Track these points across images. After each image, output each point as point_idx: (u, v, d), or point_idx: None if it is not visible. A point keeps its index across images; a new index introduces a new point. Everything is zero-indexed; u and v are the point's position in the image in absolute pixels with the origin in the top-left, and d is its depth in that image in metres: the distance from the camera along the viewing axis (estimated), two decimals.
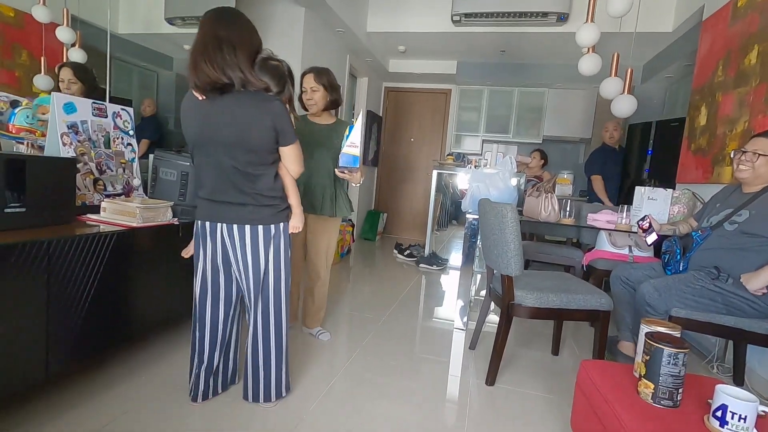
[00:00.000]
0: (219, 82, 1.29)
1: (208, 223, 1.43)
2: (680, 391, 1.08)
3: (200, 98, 1.34)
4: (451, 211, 5.32)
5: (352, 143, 1.76)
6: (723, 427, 0.96)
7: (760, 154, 1.79)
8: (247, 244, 1.41)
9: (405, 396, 1.74)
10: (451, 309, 2.97)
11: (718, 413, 0.97)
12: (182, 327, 2.17)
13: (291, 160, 1.46)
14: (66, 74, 2.38)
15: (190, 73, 1.32)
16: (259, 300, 1.47)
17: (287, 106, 1.57)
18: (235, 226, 1.40)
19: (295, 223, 1.54)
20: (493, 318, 2.75)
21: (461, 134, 5.53)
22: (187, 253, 1.64)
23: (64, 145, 1.67)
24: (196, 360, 1.53)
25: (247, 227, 1.40)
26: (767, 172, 1.79)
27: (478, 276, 3.66)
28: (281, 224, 1.46)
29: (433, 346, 2.29)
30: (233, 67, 1.30)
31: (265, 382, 1.53)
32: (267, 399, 1.55)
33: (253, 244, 1.41)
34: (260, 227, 1.41)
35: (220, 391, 1.62)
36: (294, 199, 1.52)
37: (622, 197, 3.97)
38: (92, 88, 2.52)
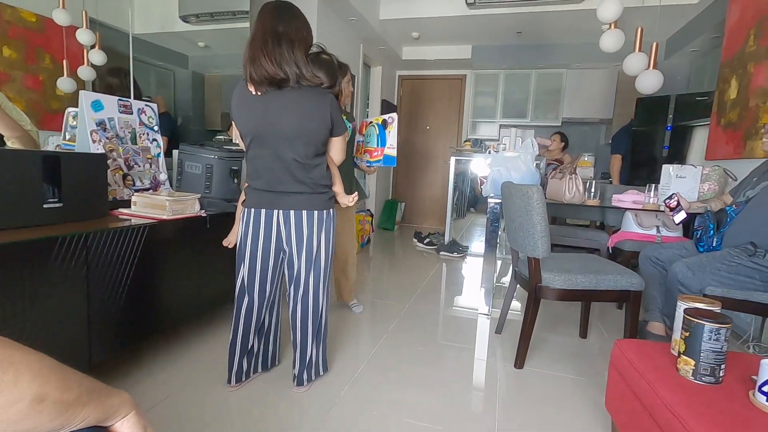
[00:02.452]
0: (276, 77, 1.36)
1: (263, 211, 1.49)
2: (722, 367, 1.05)
3: (255, 93, 1.41)
4: (469, 198, 5.27)
5: (391, 145, 1.93)
6: None
7: None
8: (304, 227, 1.50)
9: (434, 383, 1.75)
10: (474, 296, 2.96)
11: (765, 388, 0.94)
12: (213, 315, 2.22)
13: (338, 149, 1.57)
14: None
15: (248, 66, 1.38)
16: (310, 278, 1.55)
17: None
18: (292, 212, 1.49)
19: (345, 201, 1.66)
20: (516, 305, 2.73)
21: (478, 121, 5.46)
22: (229, 242, 1.74)
23: (94, 142, 1.71)
24: (239, 344, 1.58)
25: (304, 212, 1.50)
26: None
27: (499, 262, 3.63)
28: (330, 210, 1.57)
29: (458, 332, 2.29)
30: (290, 63, 1.37)
31: (314, 359, 1.63)
32: (317, 374, 1.65)
33: (308, 227, 1.51)
34: (315, 212, 1.51)
35: (260, 370, 1.70)
36: (338, 186, 1.63)
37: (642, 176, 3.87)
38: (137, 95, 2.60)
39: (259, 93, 1.41)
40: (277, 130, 1.41)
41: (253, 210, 1.51)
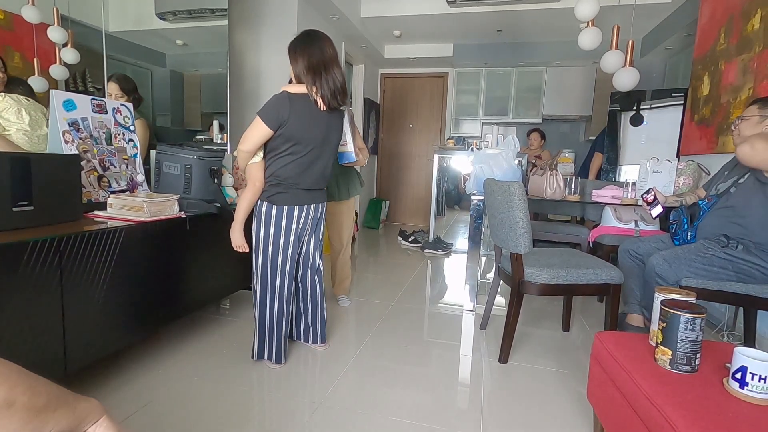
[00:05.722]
0: (341, 104, 1.70)
1: (305, 207, 1.74)
2: (698, 356, 1.08)
3: (322, 109, 1.65)
4: (453, 195, 5.31)
5: (344, 142, 2.08)
6: (743, 388, 0.96)
7: (743, 118, 1.79)
8: (322, 214, 1.87)
9: (420, 380, 1.75)
10: (458, 292, 2.98)
11: (738, 375, 0.97)
12: (194, 319, 2.18)
13: None
14: (113, 89, 2.44)
15: (333, 87, 1.63)
16: (317, 255, 1.89)
17: None
18: (319, 204, 1.82)
19: None
20: (500, 300, 2.76)
21: (460, 119, 5.49)
22: (245, 247, 1.81)
23: (66, 143, 1.65)
24: (283, 326, 1.76)
25: (325, 203, 1.87)
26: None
27: (483, 259, 3.66)
28: None
29: (443, 329, 2.30)
30: (346, 93, 1.70)
31: (325, 321, 1.98)
32: (324, 339, 1.97)
33: (323, 214, 1.87)
34: (325, 203, 1.88)
35: (309, 341, 1.98)
36: None
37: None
38: (137, 100, 2.53)
39: (325, 108, 1.64)
40: (332, 140, 1.75)
41: (297, 207, 1.71)
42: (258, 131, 1.60)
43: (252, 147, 1.64)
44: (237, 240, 1.79)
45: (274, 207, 1.68)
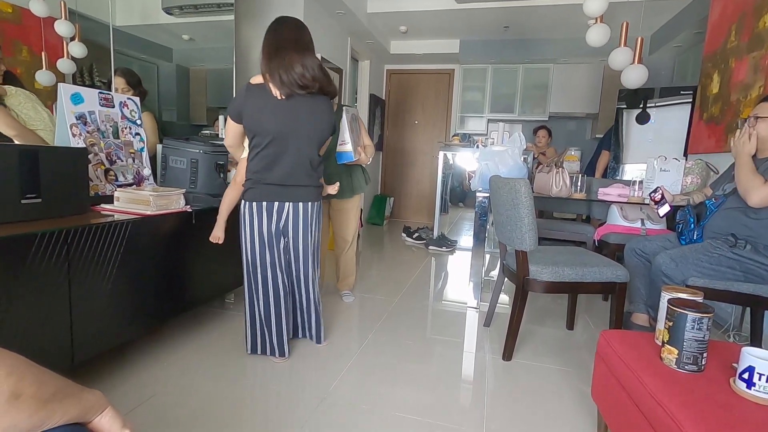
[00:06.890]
0: (313, 87, 1.58)
1: (276, 203, 1.65)
2: (704, 355, 1.07)
3: (279, 97, 1.56)
4: (458, 192, 5.28)
5: (342, 141, 2.04)
6: (750, 389, 0.95)
7: (758, 117, 1.76)
8: (309, 216, 1.73)
9: (423, 376, 1.75)
10: (462, 290, 2.98)
11: (745, 375, 0.96)
12: (197, 313, 2.20)
13: (324, 147, 1.81)
14: (119, 83, 2.47)
15: (279, 71, 1.53)
16: (308, 258, 1.78)
17: None
18: (300, 204, 1.69)
19: (330, 190, 1.91)
20: (504, 298, 2.75)
21: (466, 116, 5.46)
22: (219, 239, 1.82)
23: (74, 136, 1.66)
24: (273, 320, 1.73)
25: (310, 204, 1.72)
26: None
27: (487, 256, 3.65)
28: (320, 201, 1.80)
29: (447, 326, 2.30)
30: (317, 70, 1.59)
31: (321, 319, 1.92)
32: (320, 339, 1.93)
33: (311, 216, 1.74)
34: (315, 204, 1.75)
35: (307, 337, 1.96)
36: (322, 179, 1.85)
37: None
38: (142, 94, 2.54)
39: (283, 97, 1.55)
40: (301, 131, 1.61)
41: (264, 203, 1.64)
42: (228, 126, 1.64)
43: (230, 142, 1.68)
44: (215, 231, 1.82)
45: (246, 203, 1.66)
